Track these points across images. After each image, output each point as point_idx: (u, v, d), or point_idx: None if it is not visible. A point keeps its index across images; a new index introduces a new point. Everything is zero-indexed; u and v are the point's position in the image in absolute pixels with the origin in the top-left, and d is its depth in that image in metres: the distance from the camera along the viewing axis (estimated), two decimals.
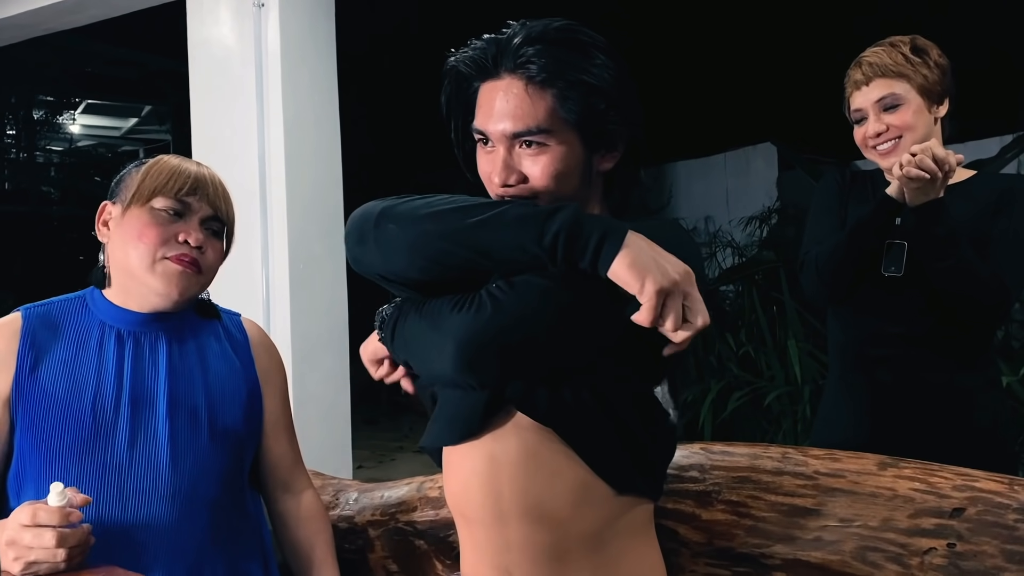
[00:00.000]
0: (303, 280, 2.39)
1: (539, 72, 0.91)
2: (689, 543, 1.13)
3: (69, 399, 1.14)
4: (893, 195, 1.40)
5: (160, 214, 1.17)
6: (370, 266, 0.93)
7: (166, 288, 1.17)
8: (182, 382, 1.20)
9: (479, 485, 0.94)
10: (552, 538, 0.92)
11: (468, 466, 0.96)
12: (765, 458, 1.13)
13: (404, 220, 0.89)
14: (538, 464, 0.91)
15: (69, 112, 10.35)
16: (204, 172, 1.22)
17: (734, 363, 3.96)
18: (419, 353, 0.93)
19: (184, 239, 1.17)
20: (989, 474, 1.03)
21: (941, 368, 1.45)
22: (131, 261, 1.17)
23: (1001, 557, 0.96)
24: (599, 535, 0.93)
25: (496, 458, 0.93)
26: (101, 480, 1.12)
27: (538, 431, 0.91)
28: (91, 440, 1.13)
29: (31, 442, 1.13)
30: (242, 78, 2.44)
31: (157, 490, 1.14)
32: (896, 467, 1.07)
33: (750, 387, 3.66)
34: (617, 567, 0.94)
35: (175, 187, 1.17)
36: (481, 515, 0.96)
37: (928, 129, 1.46)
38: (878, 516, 1.04)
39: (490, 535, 0.95)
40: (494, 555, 0.96)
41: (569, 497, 0.91)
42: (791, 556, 1.07)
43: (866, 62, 1.49)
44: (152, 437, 1.16)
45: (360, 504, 1.45)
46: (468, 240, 0.86)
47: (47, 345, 1.17)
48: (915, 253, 1.42)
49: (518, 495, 0.92)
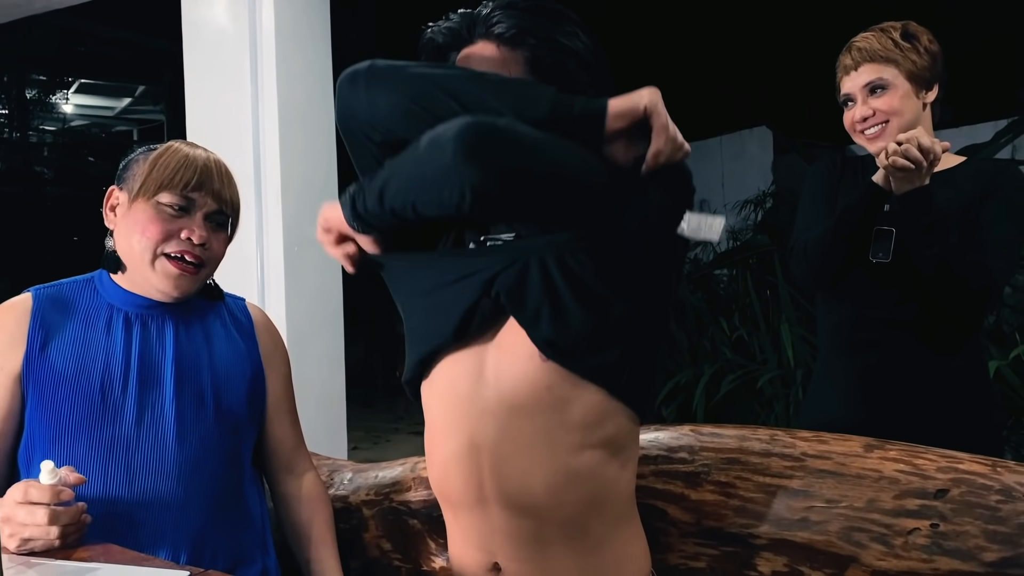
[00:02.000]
0: (298, 263, 2.40)
1: (508, 30, 0.93)
2: (678, 523, 1.15)
3: (78, 377, 1.17)
4: (879, 183, 1.42)
5: (165, 210, 1.19)
6: (355, 113, 0.92)
7: (164, 287, 1.20)
8: (188, 363, 1.23)
9: (460, 471, 0.95)
10: (534, 523, 0.93)
11: (448, 450, 0.97)
12: (753, 440, 1.15)
13: (400, 66, 0.89)
14: (516, 448, 0.92)
15: (62, 92, 10.29)
16: (211, 163, 1.23)
17: (727, 347, 3.98)
18: (406, 170, 0.87)
19: (187, 236, 1.19)
20: (973, 456, 1.05)
21: (927, 353, 1.46)
22: (134, 253, 1.19)
23: (983, 537, 0.98)
24: (581, 521, 0.94)
25: (475, 442, 0.94)
26: (109, 456, 1.15)
27: (515, 413, 0.91)
28: (99, 417, 1.16)
29: (41, 419, 1.16)
30: (237, 59, 2.42)
31: (163, 468, 1.17)
32: (882, 449, 1.09)
33: (743, 370, 3.69)
34: (599, 551, 0.96)
35: (181, 183, 1.19)
36: (463, 500, 0.97)
37: (916, 114, 1.46)
38: (864, 497, 1.05)
39: (473, 519, 0.97)
40: (478, 538, 0.97)
41: (549, 481, 0.91)
42: (777, 536, 1.08)
43: (856, 47, 1.50)
44: (159, 416, 1.18)
45: (354, 484, 1.47)
46: (460, 89, 0.86)
47: (57, 325, 1.19)
48: (902, 240, 1.44)
49: (498, 480, 0.93)
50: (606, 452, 0.93)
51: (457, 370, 0.96)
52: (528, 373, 0.90)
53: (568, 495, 0.92)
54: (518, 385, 0.91)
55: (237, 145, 2.40)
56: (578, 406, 0.91)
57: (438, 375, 0.99)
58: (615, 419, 0.93)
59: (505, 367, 0.92)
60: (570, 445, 0.91)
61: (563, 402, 0.90)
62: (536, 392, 0.90)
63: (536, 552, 0.94)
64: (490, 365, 0.93)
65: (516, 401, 0.91)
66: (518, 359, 0.91)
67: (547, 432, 0.91)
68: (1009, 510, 0.98)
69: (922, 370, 1.47)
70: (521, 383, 0.91)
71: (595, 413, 0.91)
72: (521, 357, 0.91)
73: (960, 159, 1.54)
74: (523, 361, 0.91)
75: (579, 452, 0.91)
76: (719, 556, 1.13)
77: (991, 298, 1.44)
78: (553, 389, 0.90)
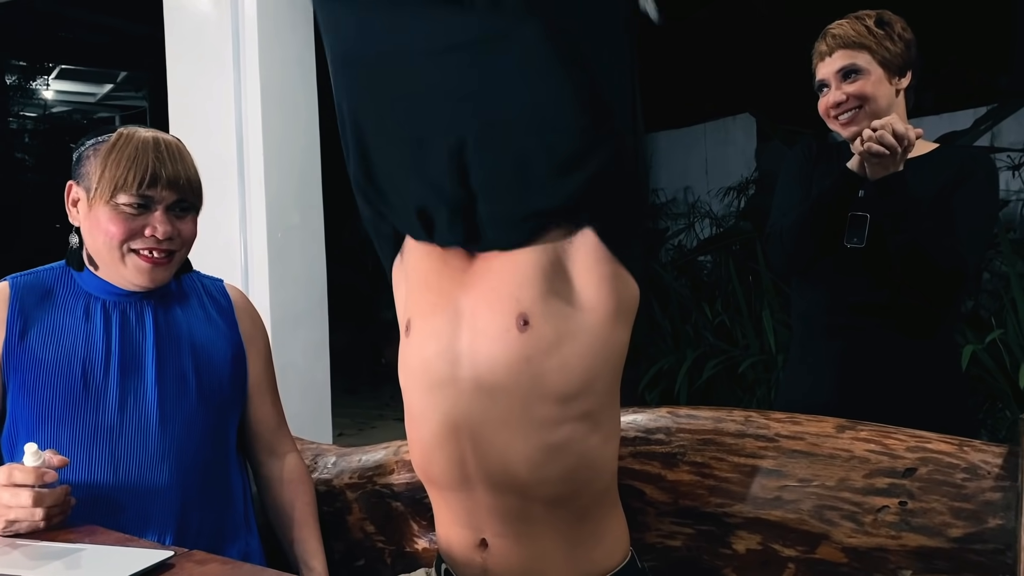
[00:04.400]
0: (282, 249, 2.40)
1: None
2: (655, 503, 1.18)
3: (59, 364, 1.17)
4: (854, 169, 1.44)
5: (124, 210, 1.17)
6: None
7: (138, 280, 1.20)
8: (169, 346, 1.24)
9: (442, 453, 0.96)
10: (518, 500, 0.95)
11: (428, 433, 0.97)
12: (729, 421, 1.17)
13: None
14: (496, 427, 0.93)
15: (43, 77, 10.16)
16: (162, 150, 1.19)
17: (710, 332, 4.02)
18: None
19: (151, 234, 1.18)
20: (941, 436, 1.08)
21: (901, 337, 1.49)
22: (103, 252, 1.19)
23: (949, 514, 1.01)
24: (564, 496, 0.95)
25: (455, 423, 0.94)
26: (93, 443, 1.16)
27: (494, 391, 0.92)
28: (82, 404, 1.16)
29: (23, 406, 1.17)
30: (219, 46, 2.42)
31: (147, 452, 1.18)
32: (854, 430, 1.11)
33: (725, 355, 3.72)
34: (583, 526, 0.98)
35: (135, 182, 1.16)
36: (448, 481, 0.98)
37: (889, 100, 1.49)
38: (835, 476, 1.08)
39: (459, 498, 0.98)
40: (465, 515, 0.99)
41: (531, 457, 0.92)
42: (752, 515, 1.11)
43: (831, 33, 1.52)
44: (141, 401, 1.19)
45: (338, 468, 1.48)
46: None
47: (35, 312, 1.20)
48: (876, 225, 1.46)
49: (480, 459, 0.94)
50: (585, 426, 0.94)
51: (430, 353, 0.96)
52: (505, 348, 0.90)
53: (550, 471, 0.93)
54: (496, 360, 0.91)
55: (220, 132, 2.39)
56: (556, 377, 0.91)
57: (411, 358, 0.99)
58: (594, 388, 0.93)
59: (481, 346, 0.92)
60: (549, 419, 0.92)
61: (541, 375, 0.90)
62: (515, 366, 0.90)
63: (522, 527, 0.96)
64: (465, 345, 0.94)
65: (494, 378, 0.91)
66: (493, 335, 0.91)
67: (526, 407, 0.91)
68: (974, 487, 1.01)
69: (895, 354, 1.49)
70: (499, 358, 0.91)
71: (574, 384, 0.92)
72: (496, 333, 0.91)
73: (933, 145, 1.57)
74: (499, 336, 0.91)
75: (558, 426, 0.92)
76: (695, 535, 1.16)
77: (963, 282, 1.47)
78: (532, 360, 0.90)
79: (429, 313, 0.97)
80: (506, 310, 0.91)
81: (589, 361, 0.92)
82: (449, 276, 0.96)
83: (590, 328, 0.92)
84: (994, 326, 2.99)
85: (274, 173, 2.39)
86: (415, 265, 1.01)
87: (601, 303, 0.92)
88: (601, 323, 0.92)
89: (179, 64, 2.51)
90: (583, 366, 0.92)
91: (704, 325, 4.08)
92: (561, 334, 0.91)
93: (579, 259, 0.91)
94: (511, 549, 0.97)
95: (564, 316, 0.91)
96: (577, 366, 0.91)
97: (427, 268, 0.99)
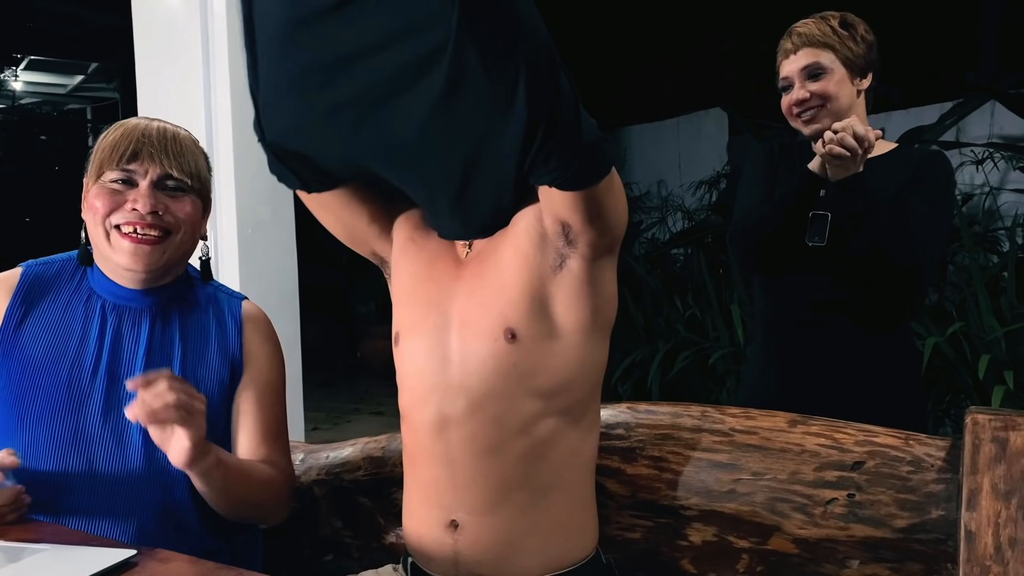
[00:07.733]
0: (251, 245, 2.39)
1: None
2: (615, 496, 1.20)
3: (47, 363, 1.15)
4: (815, 170, 1.47)
5: (109, 186, 1.16)
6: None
7: (124, 262, 1.16)
8: (160, 360, 1.19)
9: (430, 438, 1.03)
10: (496, 484, 1.01)
11: (419, 419, 1.05)
12: (686, 416, 1.20)
13: None
14: (483, 422, 1.00)
15: (11, 68, 9.99)
16: (152, 131, 1.18)
17: (682, 324, 4.06)
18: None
19: (133, 208, 1.14)
20: (888, 430, 1.11)
21: (861, 333, 1.53)
22: (94, 237, 1.18)
23: (894, 505, 1.04)
24: (541, 481, 1.02)
25: (445, 414, 1.01)
26: (72, 447, 1.13)
27: (484, 394, 0.99)
28: (64, 406, 1.14)
29: (5, 401, 1.14)
30: (187, 38, 2.40)
31: (126, 463, 1.14)
32: (805, 424, 1.15)
33: (696, 348, 3.76)
34: (554, 514, 1.03)
35: (117, 156, 1.15)
36: (430, 459, 1.04)
37: (851, 100, 1.52)
38: (787, 470, 1.11)
39: (437, 478, 1.04)
40: (438, 496, 1.04)
41: (516, 448, 1.00)
42: (707, 507, 1.14)
43: (796, 32, 1.55)
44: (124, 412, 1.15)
45: (306, 464, 1.50)
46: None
47: (38, 304, 1.19)
48: (837, 224, 1.49)
49: (466, 448, 1.01)
50: (566, 419, 1.02)
51: (421, 355, 1.03)
52: (494, 352, 0.98)
53: (532, 460, 1.00)
54: (484, 362, 0.98)
55: (189, 125, 2.35)
56: (540, 379, 0.99)
57: (404, 364, 1.06)
58: (574, 388, 1.02)
59: (471, 349, 0.99)
60: (533, 413, 0.99)
61: (526, 375, 0.98)
62: (503, 368, 0.98)
63: (495, 509, 1.01)
64: (454, 348, 1.01)
65: (483, 382, 0.99)
66: (483, 340, 0.98)
67: (512, 404, 0.99)
68: (918, 480, 1.04)
69: (853, 350, 1.53)
70: (488, 361, 0.98)
71: (556, 382, 1.00)
72: (485, 339, 0.98)
73: (892, 145, 1.60)
74: (487, 343, 0.98)
75: (541, 420, 1.00)
76: (653, 527, 1.18)
77: (923, 279, 1.51)
78: (518, 365, 0.98)
79: (419, 320, 1.04)
80: (495, 323, 0.98)
81: (570, 373, 1.01)
82: (436, 288, 1.04)
83: (572, 346, 1.00)
84: (956, 319, 3.05)
85: (244, 169, 2.38)
86: (400, 281, 1.09)
87: (582, 326, 1.00)
88: (582, 343, 1.01)
89: (148, 58, 2.49)
90: (565, 375, 1.01)
91: (676, 318, 4.12)
92: (544, 349, 0.99)
93: (562, 288, 0.99)
94: (482, 530, 1.01)
95: (547, 335, 0.99)
96: (560, 372, 1.00)
97: (413, 283, 1.06)
